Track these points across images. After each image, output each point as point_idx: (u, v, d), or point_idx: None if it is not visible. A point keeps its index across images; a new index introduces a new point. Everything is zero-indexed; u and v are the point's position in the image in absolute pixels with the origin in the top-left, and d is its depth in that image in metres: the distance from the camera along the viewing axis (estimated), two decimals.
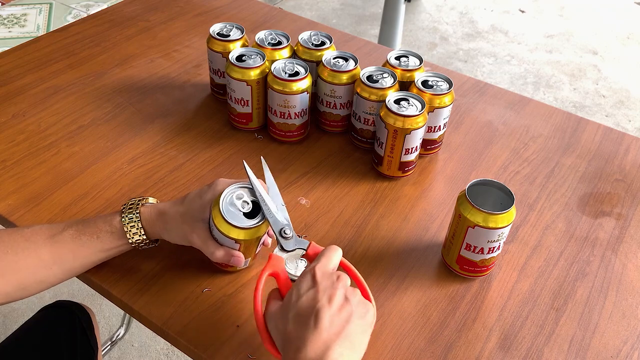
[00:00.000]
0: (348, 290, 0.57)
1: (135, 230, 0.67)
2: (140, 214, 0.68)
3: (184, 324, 0.67)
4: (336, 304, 0.55)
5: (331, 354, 0.52)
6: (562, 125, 1.03)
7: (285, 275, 0.63)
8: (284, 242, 0.65)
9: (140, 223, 0.67)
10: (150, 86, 1.06)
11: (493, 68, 2.73)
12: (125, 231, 0.67)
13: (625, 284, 0.76)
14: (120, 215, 0.68)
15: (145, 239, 0.69)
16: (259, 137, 0.96)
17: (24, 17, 2.80)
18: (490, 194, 0.73)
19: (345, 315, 0.55)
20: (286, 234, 0.65)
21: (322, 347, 0.52)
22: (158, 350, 1.52)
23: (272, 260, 0.63)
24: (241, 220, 0.65)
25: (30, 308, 1.60)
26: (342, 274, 0.59)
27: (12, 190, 0.83)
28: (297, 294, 0.56)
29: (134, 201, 0.70)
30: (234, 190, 0.67)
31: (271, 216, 0.65)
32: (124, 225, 0.67)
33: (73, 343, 0.91)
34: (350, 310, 0.55)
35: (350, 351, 0.54)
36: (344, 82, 0.90)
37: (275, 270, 0.62)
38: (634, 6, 3.33)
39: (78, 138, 0.93)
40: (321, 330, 0.53)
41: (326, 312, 0.54)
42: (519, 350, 0.67)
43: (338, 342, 0.53)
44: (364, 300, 0.58)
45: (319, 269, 0.58)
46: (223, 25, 0.99)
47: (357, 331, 0.55)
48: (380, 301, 0.71)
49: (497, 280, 0.75)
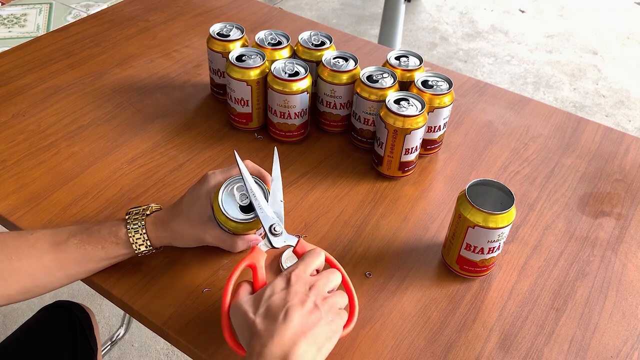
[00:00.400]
0: (318, 299, 0.58)
1: (141, 242, 0.68)
2: (145, 224, 0.68)
3: (184, 324, 0.67)
4: (306, 307, 0.56)
5: (297, 350, 0.53)
6: (562, 125, 1.03)
7: (262, 270, 0.63)
8: (272, 238, 0.65)
9: (146, 235, 0.68)
10: (150, 86, 1.06)
11: (493, 68, 2.73)
12: (131, 242, 0.68)
13: (625, 284, 0.76)
14: (125, 226, 0.68)
15: (151, 249, 0.69)
16: (259, 137, 0.96)
17: (24, 17, 2.80)
18: (490, 194, 0.73)
19: (313, 318, 0.56)
20: (276, 230, 0.65)
21: (289, 343, 0.53)
22: (158, 350, 1.52)
23: (254, 253, 0.63)
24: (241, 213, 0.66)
25: (30, 308, 1.60)
26: (317, 280, 0.60)
27: (12, 190, 0.83)
28: (271, 292, 0.58)
29: (139, 210, 0.70)
30: (234, 183, 0.68)
31: (261, 212, 0.66)
32: (129, 237, 0.68)
33: (73, 343, 0.91)
34: (318, 315, 0.57)
35: (315, 351, 0.55)
36: (344, 82, 0.90)
37: (254, 263, 0.63)
38: (634, 6, 3.33)
39: (78, 138, 0.93)
40: (289, 326, 0.54)
41: (297, 310, 0.55)
42: (519, 350, 0.67)
43: (304, 340, 0.54)
44: (334, 308, 0.59)
45: (294, 275, 0.59)
46: (223, 25, 0.99)
47: (323, 335, 0.56)
48: (380, 301, 0.71)
49: (497, 280, 0.75)
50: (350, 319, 0.62)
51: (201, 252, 0.75)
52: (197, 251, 0.75)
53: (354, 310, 0.63)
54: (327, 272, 0.62)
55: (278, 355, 0.53)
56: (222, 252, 0.75)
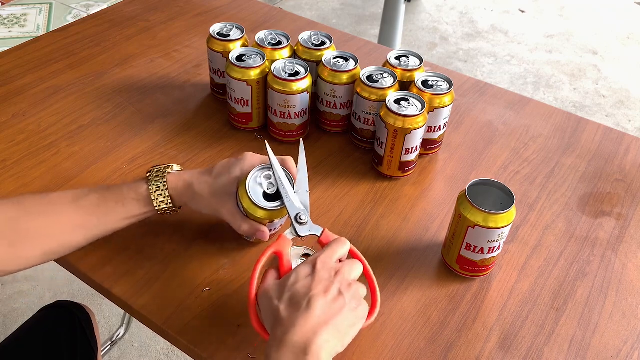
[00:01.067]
0: (343, 285, 0.58)
1: (162, 199, 0.68)
2: (167, 181, 0.69)
3: (184, 324, 0.67)
4: (330, 295, 0.56)
5: (317, 340, 0.53)
6: (562, 125, 1.03)
7: (287, 258, 0.63)
8: (298, 227, 0.66)
9: (167, 192, 0.68)
10: (150, 86, 1.06)
11: (493, 68, 2.73)
12: (152, 199, 0.68)
13: (625, 284, 0.76)
14: (146, 183, 0.69)
15: (171, 207, 0.70)
16: (259, 137, 0.96)
17: (24, 17, 2.80)
18: (490, 194, 0.73)
19: (337, 306, 0.56)
20: (301, 219, 0.66)
21: (310, 332, 0.53)
22: (158, 350, 1.52)
23: (280, 240, 0.64)
24: (266, 201, 0.67)
25: (30, 308, 1.60)
26: (342, 268, 0.60)
27: (12, 190, 0.83)
28: (296, 278, 0.58)
29: (160, 168, 0.70)
30: (262, 171, 0.69)
31: (288, 200, 0.67)
32: (150, 193, 0.68)
33: (73, 343, 0.91)
34: (342, 302, 0.57)
35: (336, 340, 0.55)
36: (344, 82, 0.90)
37: (280, 250, 0.63)
38: (634, 6, 3.33)
39: (78, 138, 0.93)
40: (312, 315, 0.54)
41: (320, 299, 0.55)
42: (519, 350, 0.67)
43: (326, 329, 0.54)
44: (358, 296, 0.59)
45: (320, 261, 0.59)
46: (223, 25, 0.99)
47: (346, 323, 0.56)
48: (381, 301, 0.71)
49: (497, 280, 0.75)
50: (373, 310, 0.63)
51: (201, 252, 0.75)
52: (197, 251, 0.75)
53: (376, 302, 0.64)
54: (351, 261, 0.62)
55: (299, 343, 0.53)
56: (222, 252, 0.75)
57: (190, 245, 0.76)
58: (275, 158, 0.69)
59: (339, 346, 0.56)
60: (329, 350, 0.54)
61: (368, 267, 0.65)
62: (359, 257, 0.66)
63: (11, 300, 1.62)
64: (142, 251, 0.73)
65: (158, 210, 0.69)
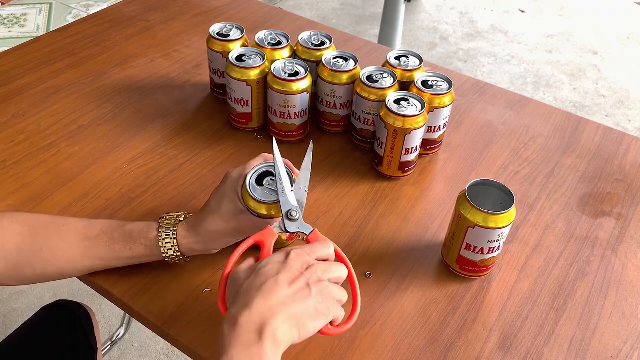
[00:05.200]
0: (312, 279, 0.57)
1: (170, 247, 0.68)
2: (177, 231, 0.69)
3: (184, 324, 0.67)
4: (295, 286, 0.56)
5: (273, 320, 0.53)
6: (562, 125, 1.03)
7: (269, 249, 0.63)
8: (288, 223, 0.66)
9: (176, 240, 0.68)
10: (150, 86, 1.06)
11: (493, 68, 2.73)
12: (160, 246, 0.68)
13: (625, 284, 0.76)
14: (157, 229, 0.69)
15: (178, 255, 0.69)
16: (259, 137, 0.96)
17: (24, 17, 2.80)
18: (490, 194, 0.73)
19: (299, 296, 0.55)
20: (292, 216, 0.66)
21: (266, 312, 0.53)
22: (158, 350, 1.52)
23: (265, 231, 0.64)
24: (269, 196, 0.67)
25: (30, 308, 1.60)
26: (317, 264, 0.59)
27: (12, 190, 0.83)
28: (266, 262, 0.58)
29: (172, 216, 0.70)
30: (258, 170, 0.69)
31: (283, 195, 0.66)
32: (159, 240, 0.68)
33: (73, 343, 0.91)
34: (306, 294, 0.56)
35: (292, 327, 0.54)
36: (344, 82, 0.90)
37: (262, 241, 0.63)
38: (634, 6, 3.33)
39: (78, 138, 0.93)
40: (271, 297, 0.54)
41: (283, 286, 0.55)
42: (519, 350, 0.67)
43: (282, 312, 0.54)
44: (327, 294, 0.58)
45: (295, 252, 0.59)
46: (223, 25, 0.99)
47: (305, 314, 0.55)
48: (381, 301, 0.71)
49: (497, 280, 0.75)
50: (352, 316, 0.61)
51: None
52: None
53: (356, 308, 0.62)
54: (332, 263, 0.62)
55: (254, 323, 0.52)
56: (222, 252, 0.75)
57: None
58: (279, 154, 0.69)
59: (296, 335, 0.55)
60: (284, 332, 0.53)
61: (352, 272, 0.64)
62: (345, 261, 0.64)
63: (11, 300, 1.62)
64: None
65: (165, 257, 0.69)
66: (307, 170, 0.69)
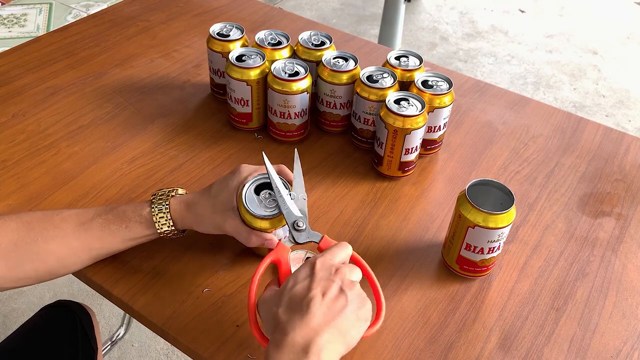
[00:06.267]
0: (345, 283, 0.57)
1: (164, 221, 0.69)
2: (169, 205, 0.69)
3: (184, 324, 0.67)
4: (329, 295, 0.55)
5: (318, 340, 0.52)
6: (562, 125, 1.03)
7: (287, 265, 0.63)
8: (296, 234, 0.65)
9: (169, 214, 0.68)
10: (150, 86, 1.06)
11: (493, 68, 2.73)
12: (154, 222, 0.68)
13: (625, 284, 0.76)
14: (149, 205, 0.69)
15: (173, 230, 0.69)
16: (259, 137, 0.96)
17: (24, 17, 2.80)
18: (490, 194, 0.73)
19: (338, 306, 0.55)
20: (299, 226, 0.65)
21: (310, 333, 0.52)
22: (158, 350, 1.52)
23: (278, 248, 0.64)
24: (264, 210, 0.66)
25: (30, 308, 1.60)
26: (343, 267, 0.59)
27: (12, 190, 0.83)
28: (294, 281, 0.57)
29: (164, 192, 0.71)
30: (256, 181, 0.69)
31: (285, 208, 0.66)
32: (153, 216, 0.68)
33: (74, 343, 0.91)
34: (343, 302, 0.55)
35: (338, 341, 0.54)
36: (344, 82, 0.90)
37: (278, 258, 0.63)
38: (634, 6, 3.33)
39: (78, 138, 0.93)
40: (311, 317, 0.53)
41: (317, 301, 0.54)
42: (519, 350, 0.67)
43: (327, 330, 0.53)
44: (362, 295, 0.58)
45: (319, 261, 0.58)
46: (223, 25, 0.99)
47: (348, 324, 0.55)
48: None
49: (497, 280, 0.75)
50: (378, 316, 0.61)
51: (201, 253, 0.75)
52: (197, 251, 0.75)
53: (381, 309, 0.62)
54: (350, 265, 0.61)
55: (299, 344, 0.52)
56: (222, 252, 0.75)
57: (191, 245, 0.76)
58: (271, 167, 0.68)
59: (343, 348, 0.55)
60: (331, 351, 0.53)
61: (371, 273, 0.64)
62: (362, 263, 0.64)
63: (11, 300, 1.62)
64: (142, 252, 0.73)
65: (160, 233, 0.69)
66: (299, 176, 0.69)
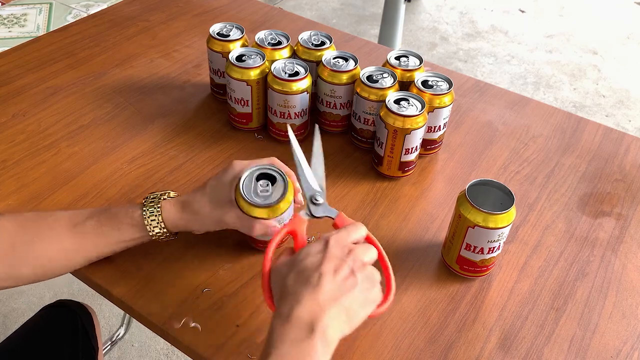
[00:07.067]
0: (356, 264, 0.57)
1: (155, 224, 0.68)
2: (161, 207, 0.69)
3: (184, 324, 0.67)
4: (340, 275, 0.55)
5: (324, 317, 0.52)
6: (562, 125, 1.03)
7: (302, 237, 0.63)
8: (313, 208, 0.66)
9: (161, 217, 0.68)
10: (150, 86, 1.06)
11: (493, 68, 2.73)
12: (145, 224, 0.68)
13: (625, 284, 0.76)
14: (141, 208, 0.69)
15: (165, 232, 0.69)
16: (259, 137, 0.96)
17: (24, 17, 2.80)
18: (490, 194, 0.73)
19: (347, 286, 0.55)
20: (317, 200, 0.66)
21: (317, 308, 0.53)
22: (158, 350, 1.52)
23: (295, 219, 0.65)
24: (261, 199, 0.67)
25: (30, 308, 1.60)
26: (356, 248, 0.59)
27: (12, 190, 0.83)
28: (307, 253, 0.57)
29: (156, 195, 0.71)
30: (253, 172, 0.69)
31: (304, 181, 0.67)
32: (144, 219, 0.68)
33: (74, 342, 0.91)
34: (353, 282, 0.55)
35: (343, 319, 0.54)
36: (344, 82, 0.90)
37: (294, 229, 0.64)
38: (634, 6, 3.33)
39: (78, 138, 0.93)
40: (319, 292, 0.53)
41: (328, 278, 0.54)
42: (519, 350, 0.67)
43: (334, 307, 0.53)
44: (372, 277, 0.58)
45: (333, 239, 0.58)
46: (223, 25, 0.99)
47: (355, 304, 0.55)
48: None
49: (497, 280, 0.75)
50: (387, 297, 0.61)
51: (201, 252, 0.75)
52: (197, 251, 0.75)
53: (391, 288, 0.62)
54: (365, 244, 0.61)
55: (305, 320, 0.52)
56: (222, 252, 0.75)
57: (190, 245, 0.76)
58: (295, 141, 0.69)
59: (347, 328, 0.55)
60: (335, 329, 0.53)
61: (383, 253, 0.63)
62: (375, 243, 0.64)
63: (11, 300, 1.62)
64: (142, 252, 0.73)
65: (152, 236, 0.69)
66: (319, 155, 0.70)
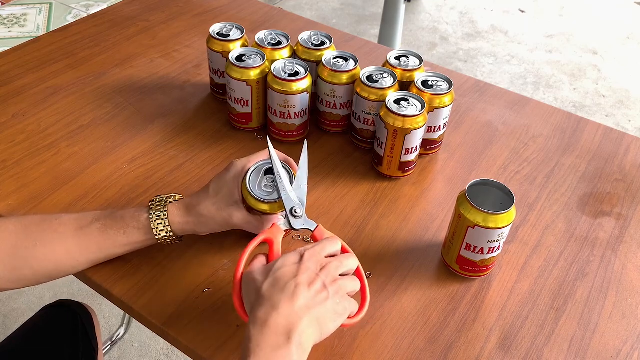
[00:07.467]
0: (328, 280, 0.59)
1: (162, 228, 0.69)
2: (168, 211, 0.69)
3: (184, 324, 0.67)
4: (314, 288, 0.57)
5: (300, 324, 0.54)
6: (562, 125, 1.03)
7: (278, 246, 0.64)
8: (292, 220, 0.67)
9: (167, 221, 0.69)
10: (150, 86, 1.06)
11: (493, 68, 2.73)
12: (152, 228, 0.69)
13: (625, 284, 0.76)
14: (147, 212, 0.69)
15: (171, 236, 0.70)
16: (259, 137, 0.96)
17: (24, 17, 2.80)
18: (490, 194, 0.73)
19: (319, 299, 0.57)
20: (296, 213, 0.67)
21: (293, 316, 0.55)
22: (158, 350, 1.52)
23: (272, 228, 0.65)
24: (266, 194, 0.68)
25: (30, 308, 1.60)
26: (329, 263, 0.60)
27: (12, 190, 0.83)
28: (283, 263, 0.59)
29: (162, 198, 0.71)
30: (259, 167, 0.70)
31: (284, 193, 0.68)
32: (151, 222, 0.68)
33: (74, 342, 0.91)
34: (325, 296, 0.58)
35: (316, 329, 0.56)
36: (344, 82, 0.90)
37: (271, 238, 0.64)
38: (634, 6, 3.33)
39: (78, 138, 0.93)
40: (295, 300, 0.55)
41: (303, 288, 0.56)
42: (519, 350, 0.67)
43: (308, 316, 0.55)
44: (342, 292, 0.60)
45: (308, 252, 0.60)
46: (223, 25, 0.99)
47: (326, 317, 0.57)
48: (381, 301, 0.71)
49: (497, 280, 0.75)
50: (362, 308, 0.63)
51: (201, 252, 0.75)
52: (197, 251, 0.75)
53: (366, 299, 0.64)
54: (343, 256, 0.63)
55: (282, 326, 0.54)
56: (222, 252, 0.75)
57: (190, 245, 0.76)
58: (275, 153, 0.70)
59: (317, 336, 0.57)
60: (309, 336, 0.55)
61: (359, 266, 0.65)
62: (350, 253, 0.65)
63: (11, 300, 1.62)
64: (142, 252, 0.73)
65: (158, 239, 0.70)
66: (304, 167, 0.70)
